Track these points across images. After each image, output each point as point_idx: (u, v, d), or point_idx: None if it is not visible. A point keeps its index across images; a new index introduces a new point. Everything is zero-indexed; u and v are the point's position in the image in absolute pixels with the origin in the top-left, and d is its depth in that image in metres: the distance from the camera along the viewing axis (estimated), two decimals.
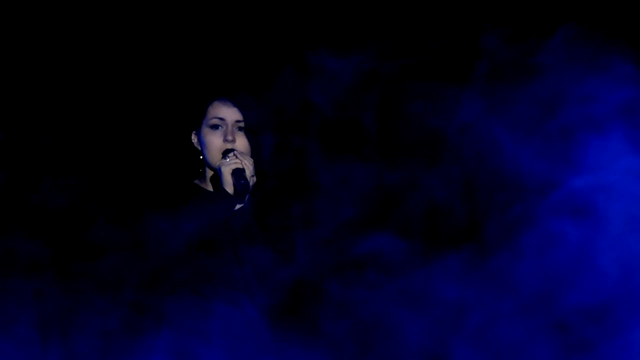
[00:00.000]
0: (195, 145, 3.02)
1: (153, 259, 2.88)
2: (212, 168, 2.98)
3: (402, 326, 3.86)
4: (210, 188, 3.02)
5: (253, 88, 3.03)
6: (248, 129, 2.95)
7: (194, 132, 3.02)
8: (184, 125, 3.07)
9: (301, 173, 4.06)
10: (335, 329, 3.69)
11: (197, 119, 3.00)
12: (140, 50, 4.11)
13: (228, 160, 2.88)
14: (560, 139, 3.54)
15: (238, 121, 2.94)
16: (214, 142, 2.94)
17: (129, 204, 3.79)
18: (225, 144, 2.93)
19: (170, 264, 2.85)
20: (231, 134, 2.92)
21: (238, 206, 2.92)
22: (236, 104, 2.95)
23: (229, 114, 2.94)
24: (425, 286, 3.85)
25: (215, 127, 2.94)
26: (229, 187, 2.87)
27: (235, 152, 2.89)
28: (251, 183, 2.90)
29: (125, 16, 4.09)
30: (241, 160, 2.87)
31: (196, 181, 3.07)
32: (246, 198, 2.89)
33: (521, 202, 3.61)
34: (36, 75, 4.08)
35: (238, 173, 2.86)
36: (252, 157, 2.94)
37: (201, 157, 3.00)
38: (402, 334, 3.91)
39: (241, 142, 2.95)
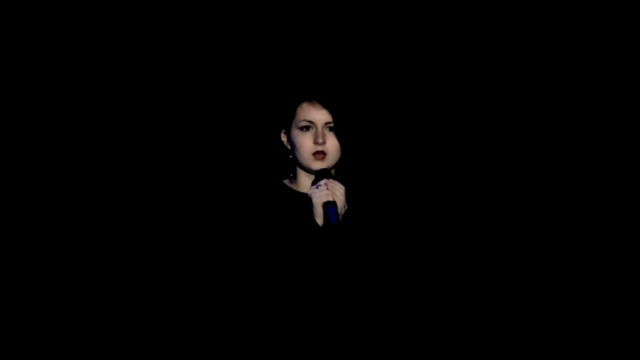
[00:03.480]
0: (285, 144, 2.96)
1: (235, 258, 2.85)
2: (303, 168, 2.93)
3: None
4: (299, 189, 2.96)
5: (343, 87, 2.96)
6: (338, 129, 2.89)
7: (283, 130, 2.96)
8: (273, 125, 3.00)
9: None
10: None
11: (286, 119, 2.94)
12: (229, 49, 4.11)
13: (319, 190, 2.81)
14: None
15: (328, 123, 2.88)
16: (305, 143, 2.87)
17: (216, 204, 3.77)
18: (316, 146, 2.87)
19: (250, 264, 2.82)
20: (322, 137, 2.86)
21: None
22: (325, 105, 2.88)
23: (319, 116, 2.87)
24: None
25: (305, 128, 2.89)
26: (319, 219, 2.81)
27: (327, 180, 2.83)
28: (342, 213, 2.82)
29: (214, 14, 4.11)
30: (332, 192, 2.80)
31: (285, 181, 3.01)
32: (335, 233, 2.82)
33: None
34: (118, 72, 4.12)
35: (329, 208, 2.78)
36: (342, 155, 2.90)
37: (291, 156, 2.95)
38: None
39: (332, 143, 2.89)
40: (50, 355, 4.00)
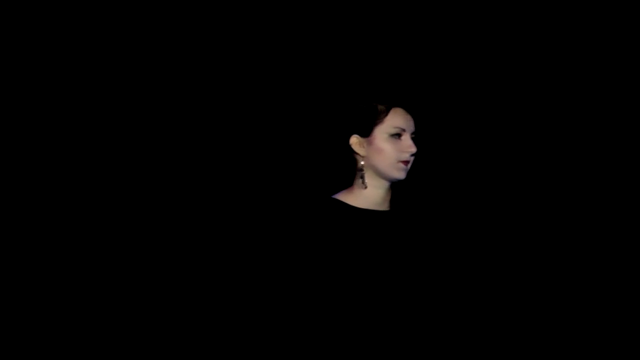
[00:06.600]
0: (356, 149, 2.85)
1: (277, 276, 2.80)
2: (380, 175, 2.83)
3: None
4: (362, 202, 2.86)
5: (428, 97, 2.93)
6: (417, 139, 2.84)
7: (356, 135, 2.85)
8: (340, 129, 2.91)
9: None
10: None
11: (366, 123, 2.84)
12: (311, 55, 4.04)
13: None
14: None
15: (414, 132, 2.84)
16: (394, 150, 2.80)
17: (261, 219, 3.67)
18: (406, 156, 2.80)
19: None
20: (414, 146, 2.80)
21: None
22: (414, 115, 2.84)
23: (409, 125, 2.82)
24: None
25: (396, 135, 2.80)
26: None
27: None
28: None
29: (296, 19, 4.03)
30: None
31: (338, 196, 2.87)
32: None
33: None
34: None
35: None
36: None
37: (362, 162, 2.84)
38: None
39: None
40: (50, 355, 3.97)
